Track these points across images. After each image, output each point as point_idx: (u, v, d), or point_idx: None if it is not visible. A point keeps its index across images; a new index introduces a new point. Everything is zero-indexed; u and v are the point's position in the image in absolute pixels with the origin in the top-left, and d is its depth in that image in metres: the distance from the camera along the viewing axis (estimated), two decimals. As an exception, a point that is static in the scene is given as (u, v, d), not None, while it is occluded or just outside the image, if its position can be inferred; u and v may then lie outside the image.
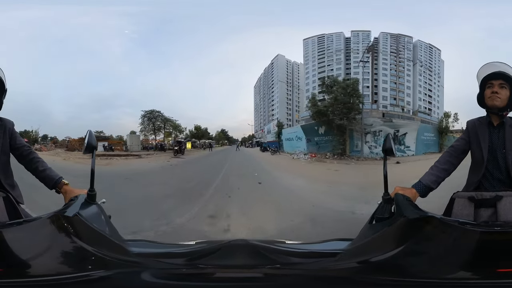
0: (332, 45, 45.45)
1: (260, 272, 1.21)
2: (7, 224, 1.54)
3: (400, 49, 46.80)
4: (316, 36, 45.42)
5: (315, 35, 45.45)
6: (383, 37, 46.05)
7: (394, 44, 46.58)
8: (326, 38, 45.47)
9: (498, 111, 2.01)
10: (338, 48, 45.12)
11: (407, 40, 47.17)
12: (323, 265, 1.26)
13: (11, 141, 2.10)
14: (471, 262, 1.20)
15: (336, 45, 45.34)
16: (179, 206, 6.91)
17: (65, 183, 2.02)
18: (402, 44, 47.02)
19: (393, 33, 46.12)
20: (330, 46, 45.38)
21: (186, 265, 1.26)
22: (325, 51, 45.20)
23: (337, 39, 45.61)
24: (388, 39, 46.39)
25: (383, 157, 2.03)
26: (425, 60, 47.81)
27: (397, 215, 1.64)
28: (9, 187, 2.01)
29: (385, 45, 46.14)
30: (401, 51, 46.62)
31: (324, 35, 45.28)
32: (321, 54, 45.11)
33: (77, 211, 1.52)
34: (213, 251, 1.35)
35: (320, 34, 45.43)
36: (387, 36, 46.34)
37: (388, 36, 46.35)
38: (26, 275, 1.06)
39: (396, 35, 46.47)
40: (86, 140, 1.97)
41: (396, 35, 46.39)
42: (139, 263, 1.22)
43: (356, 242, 1.50)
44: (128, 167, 17.60)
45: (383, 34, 45.96)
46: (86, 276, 1.06)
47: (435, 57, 48.63)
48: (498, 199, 1.83)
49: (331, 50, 45.16)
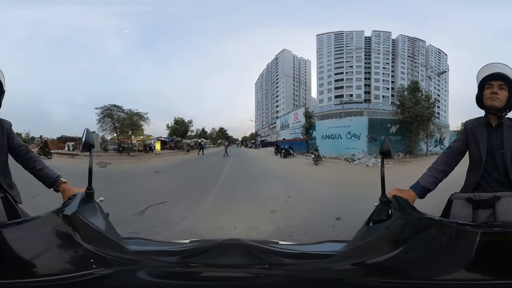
0: (351, 43, 44.88)
1: (248, 272, 1.22)
2: (6, 224, 1.56)
3: (416, 53, 46.40)
4: (333, 32, 45.20)
5: (332, 32, 45.21)
6: (402, 40, 45.65)
7: (411, 48, 46.15)
8: (345, 35, 44.91)
9: (497, 111, 2.02)
10: (358, 46, 44.73)
11: (421, 45, 46.73)
12: (314, 267, 1.25)
13: (9, 141, 2.15)
14: (472, 263, 1.19)
15: (356, 43, 44.81)
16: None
17: (63, 181, 2.06)
18: (417, 49, 46.60)
19: (410, 36, 45.77)
20: (350, 44, 44.85)
21: (179, 263, 1.28)
22: (343, 48, 44.72)
23: (358, 37, 45.10)
24: (406, 43, 45.98)
25: (381, 159, 2.03)
26: (435, 66, 47.49)
27: (394, 217, 1.64)
28: (7, 187, 2.06)
29: (403, 49, 45.74)
30: (416, 56, 46.21)
31: (343, 32, 44.89)
32: (338, 50, 44.60)
33: (76, 209, 1.56)
34: (205, 250, 1.37)
35: (338, 31, 45.17)
36: (405, 39, 45.93)
37: (406, 39, 45.93)
38: (27, 275, 1.06)
39: (413, 39, 46.04)
40: (83, 138, 2.01)
41: (413, 38, 45.98)
42: (136, 261, 1.24)
43: (352, 244, 1.50)
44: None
45: (401, 36, 45.57)
46: (88, 274, 1.07)
47: (442, 62, 48.28)
48: (496, 200, 1.84)
49: (350, 47, 44.66)
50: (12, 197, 2.01)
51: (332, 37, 45.01)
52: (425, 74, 44.19)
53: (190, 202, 7.45)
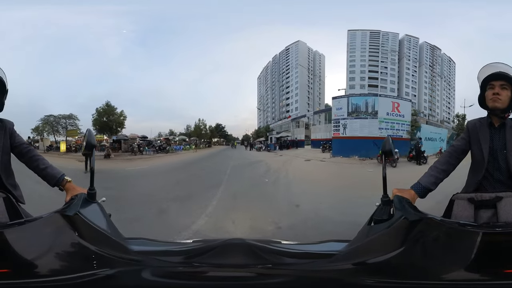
0: (387, 44, 44.33)
1: (251, 271, 1.25)
2: (9, 225, 1.59)
3: (435, 62, 46.08)
4: (368, 30, 44.42)
5: (367, 29, 44.52)
6: (426, 47, 45.26)
7: (431, 56, 45.75)
8: (381, 35, 44.47)
9: (500, 112, 2.03)
10: (393, 49, 44.30)
11: (437, 53, 46.25)
12: (317, 266, 1.28)
13: (11, 141, 2.19)
14: (473, 263, 1.20)
15: (391, 45, 44.36)
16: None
17: (68, 180, 2.07)
18: (436, 58, 46.20)
19: (431, 44, 45.35)
20: (385, 44, 44.32)
21: (182, 263, 1.31)
22: (379, 47, 44.19)
23: (393, 39, 44.67)
24: (428, 50, 45.56)
25: (383, 159, 2.05)
26: (447, 75, 46.97)
27: (396, 216, 1.65)
28: (10, 187, 2.10)
29: (426, 56, 45.35)
30: (435, 65, 45.88)
31: (379, 31, 44.37)
32: (373, 49, 44.06)
33: (78, 210, 1.59)
34: (209, 250, 1.40)
35: (375, 30, 44.57)
36: (428, 47, 45.53)
37: (429, 47, 45.52)
38: (30, 276, 1.07)
39: (433, 46, 45.60)
40: (85, 139, 2.05)
41: (433, 46, 45.54)
42: (139, 261, 1.28)
43: (353, 243, 1.52)
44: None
45: (426, 44, 45.15)
46: (91, 275, 1.09)
47: (452, 70, 47.66)
48: (498, 200, 1.85)
49: (386, 48, 44.20)
50: (15, 197, 2.04)
51: (368, 35, 44.26)
52: (439, 84, 43.64)
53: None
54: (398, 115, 24.00)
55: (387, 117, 23.87)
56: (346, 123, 24.07)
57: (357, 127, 23.57)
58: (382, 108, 23.77)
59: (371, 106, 23.96)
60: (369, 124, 23.55)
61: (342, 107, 24.45)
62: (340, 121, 24.40)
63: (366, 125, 23.53)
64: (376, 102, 23.99)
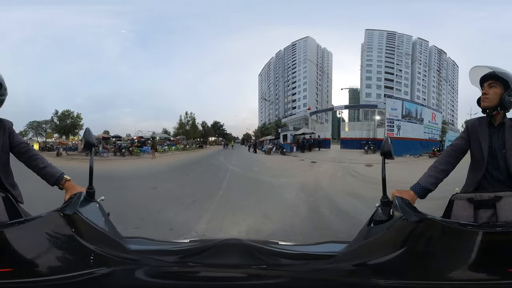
0: (402, 46, 43.97)
1: (247, 272, 1.25)
2: (8, 224, 1.59)
3: (441, 67, 45.99)
4: (386, 31, 43.83)
5: (384, 30, 43.76)
6: (434, 51, 45.05)
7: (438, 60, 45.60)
8: (397, 37, 43.96)
9: (491, 111, 2.07)
10: (407, 52, 43.98)
11: (443, 57, 46.04)
12: (314, 267, 1.28)
13: (10, 140, 2.20)
14: (473, 263, 1.20)
15: (406, 47, 44.02)
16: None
17: (67, 179, 2.07)
18: (442, 62, 46.11)
19: (439, 48, 45.11)
20: (400, 47, 43.94)
21: (179, 263, 1.32)
22: (395, 49, 43.74)
23: (407, 42, 44.29)
24: (436, 55, 45.39)
25: (382, 160, 2.03)
26: (451, 79, 46.80)
27: (395, 217, 1.66)
28: (9, 186, 2.13)
29: (434, 60, 45.18)
30: (441, 69, 45.79)
31: (395, 33, 43.82)
32: (389, 50, 43.70)
33: (76, 209, 1.61)
34: (205, 249, 1.41)
35: (391, 31, 43.91)
36: (435, 51, 45.35)
37: (436, 51, 45.33)
38: (29, 275, 1.08)
39: (440, 50, 45.37)
40: (84, 138, 2.06)
41: (440, 50, 45.30)
42: (136, 261, 1.29)
43: (353, 244, 1.52)
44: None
45: (435, 48, 44.94)
46: (89, 274, 1.10)
47: (455, 74, 47.67)
48: (497, 200, 1.86)
49: (400, 50, 43.84)
50: (13, 197, 2.06)
51: (385, 36, 43.81)
52: (445, 88, 43.52)
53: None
54: (434, 123, 28.27)
55: (428, 124, 27.49)
56: (400, 124, 25.52)
57: (409, 129, 25.78)
58: (425, 116, 27.47)
59: (420, 113, 27.04)
60: (418, 128, 26.49)
61: (397, 108, 25.97)
62: (394, 122, 25.39)
63: (416, 129, 26.30)
64: (423, 110, 27.72)
